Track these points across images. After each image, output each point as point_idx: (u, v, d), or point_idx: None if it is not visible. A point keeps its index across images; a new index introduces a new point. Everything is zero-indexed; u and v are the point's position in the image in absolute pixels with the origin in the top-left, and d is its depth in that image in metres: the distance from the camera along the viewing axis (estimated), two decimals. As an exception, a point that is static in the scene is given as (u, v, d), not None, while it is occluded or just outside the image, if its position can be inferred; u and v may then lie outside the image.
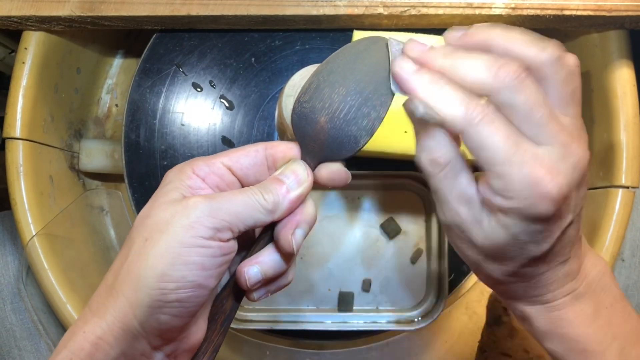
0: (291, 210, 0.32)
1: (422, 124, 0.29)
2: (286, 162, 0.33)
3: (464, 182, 0.29)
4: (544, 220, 0.27)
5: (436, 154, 0.29)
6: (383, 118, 0.32)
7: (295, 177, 0.32)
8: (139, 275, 0.28)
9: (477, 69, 0.27)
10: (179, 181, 0.31)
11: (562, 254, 0.29)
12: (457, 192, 0.29)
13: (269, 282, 0.33)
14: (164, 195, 0.30)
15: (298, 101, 0.32)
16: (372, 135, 0.32)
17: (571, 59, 0.28)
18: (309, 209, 0.32)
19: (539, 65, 0.27)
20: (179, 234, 0.28)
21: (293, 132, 0.33)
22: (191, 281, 0.28)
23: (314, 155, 0.33)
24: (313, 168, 0.33)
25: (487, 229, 0.28)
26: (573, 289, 0.31)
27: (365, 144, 0.33)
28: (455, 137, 0.29)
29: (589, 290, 0.31)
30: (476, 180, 0.29)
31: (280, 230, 0.31)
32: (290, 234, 0.31)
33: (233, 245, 0.30)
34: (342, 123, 0.32)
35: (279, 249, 0.32)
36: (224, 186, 0.32)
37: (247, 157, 0.32)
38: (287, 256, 0.32)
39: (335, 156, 0.33)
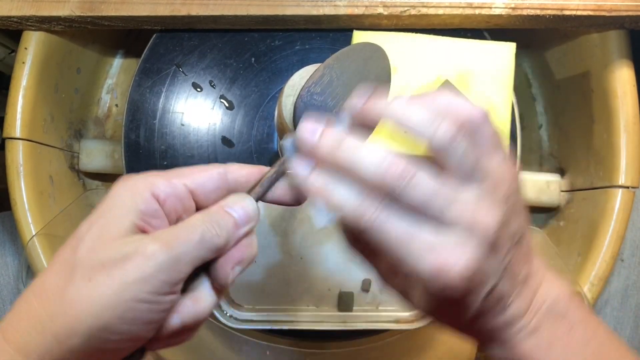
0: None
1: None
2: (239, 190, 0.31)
3: (387, 262, 0.31)
4: (457, 299, 0.28)
5: (351, 245, 0.31)
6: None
7: (245, 212, 0.30)
8: (79, 321, 0.26)
9: (367, 168, 0.27)
10: (132, 203, 0.28)
11: (493, 310, 0.30)
12: (382, 270, 0.32)
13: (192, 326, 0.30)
14: (113, 221, 0.27)
15: (308, 90, 0.32)
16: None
17: (474, 112, 0.28)
18: (254, 248, 0.31)
19: (436, 145, 0.27)
20: (131, 288, 0.26)
21: (294, 118, 0.33)
22: (135, 335, 0.27)
23: None
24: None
25: (416, 297, 0.30)
26: (523, 327, 0.31)
27: None
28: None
29: (543, 323, 0.31)
30: None
31: (221, 261, 0.29)
32: (230, 267, 0.30)
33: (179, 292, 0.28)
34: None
35: (212, 279, 0.30)
36: (181, 212, 0.30)
37: (210, 180, 0.30)
38: (219, 289, 0.31)
39: None
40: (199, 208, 0.31)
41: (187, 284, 0.29)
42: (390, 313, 0.55)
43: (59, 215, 0.56)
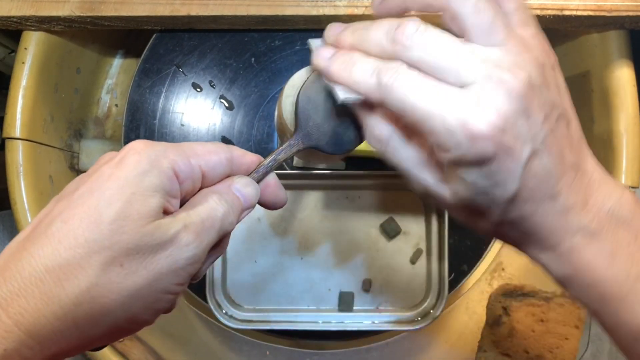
0: None
1: (357, 106, 0.29)
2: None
3: (413, 150, 0.29)
4: (490, 160, 0.25)
5: (376, 131, 0.29)
6: None
7: (250, 197, 0.30)
8: (108, 312, 0.24)
9: (378, 36, 0.27)
10: (159, 181, 0.25)
11: (542, 189, 0.26)
12: (411, 161, 0.29)
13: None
14: (142, 200, 0.25)
15: (311, 84, 0.33)
16: (359, 144, 0.34)
17: None
18: (224, 249, 0.30)
19: (446, 4, 0.27)
20: (163, 279, 0.25)
21: (296, 111, 0.33)
22: (148, 323, 0.26)
23: (308, 139, 0.33)
24: (300, 149, 0.33)
25: (450, 188, 0.28)
26: (580, 227, 0.27)
27: (352, 150, 0.34)
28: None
29: (604, 227, 0.27)
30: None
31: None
32: (207, 267, 0.29)
33: None
34: (350, 124, 0.33)
35: None
36: (190, 192, 0.28)
37: (220, 165, 0.29)
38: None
39: (326, 147, 0.33)
40: (201, 188, 0.30)
41: None
42: (390, 313, 0.55)
43: (58, 216, 0.56)
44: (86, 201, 0.24)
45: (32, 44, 0.53)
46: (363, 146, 0.50)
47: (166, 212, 0.26)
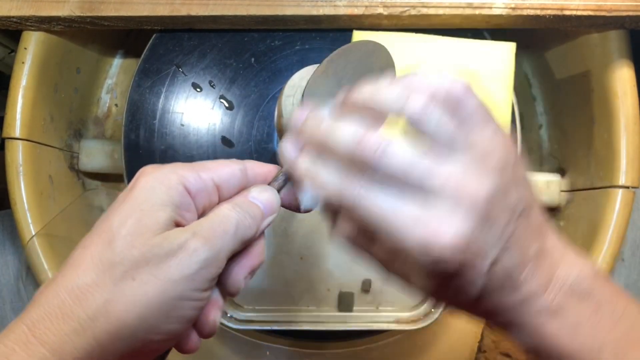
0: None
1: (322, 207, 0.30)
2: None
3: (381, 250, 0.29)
4: (453, 275, 0.26)
5: (342, 231, 0.29)
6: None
7: (270, 203, 0.30)
8: (124, 324, 0.25)
9: (340, 146, 0.27)
10: (167, 196, 0.27)
11: (505, 286, 0.28)
12: (378, 258, 0.30)
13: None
14: (151, 215, 0.26)
15: (314, 81, 0.33)
16: None
17: (452, 86, 0.27)
18: (263, 256, 0.30)
19: (409, 118, 0.26)
20: (176, 286, 0.25)
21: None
22: (176, 333, 0.26)
23: None
24: None
25: (416, 283, 0.29)
26: (543, 307, 0.29)
27: None
28: None
29: (566, 303, 0.29)
30: None
31: (234, 269, 0.29)
32: (242, 277, 0.29)
33: None
34: None
35: (222, 287, 0.30)
36: (207, 206, 0.29)
37: (234, 177, 0.30)
38: (229, 295, 0.30)
39: None
40: (218, 202, 0.30)
41: None
42: (390, 313, 0.55)
43: (58, 215, 0.56)
44: (103, 225, 0.27)
45: (32, 44, 0.53)
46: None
47: (179, 225, 0.27)
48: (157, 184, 0.27)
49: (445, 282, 0.27)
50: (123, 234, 0.26)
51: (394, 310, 0.55)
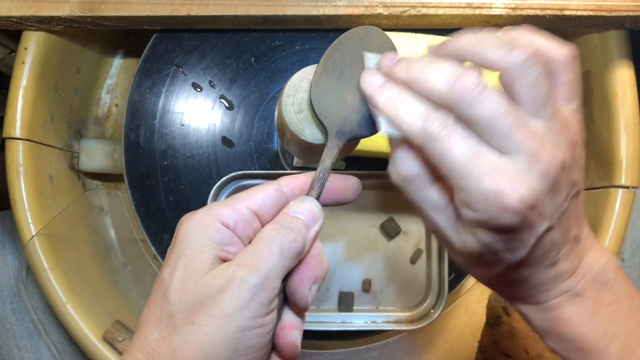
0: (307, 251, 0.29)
1: (390, 138, 0.29)
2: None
3: (435, 194, 0.29)
4: (511, 231, 0.27)
5: (403, 167, 0.29)
6: None
7: (311, 212, 0.30)
8: None
9: (436, 81, 0.27)
10: (206, 237, 0.27)
11: (545, 259, 0.29)
12: (430, 203, 0.29)
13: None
14: (195, 259, 0.27)
15: (317, 84, 0.32)
16: None
17: (558, 53, 0.28)
18: (325, 262, 0.30)
19: (506, 69, 0.27)
20: (235, 318, 0.25)
21: (314, 113, 0.33)
22: None
23: (342, 136, 0.32)
24: (340, 147, 0.32)
25: (462, 237, 0.29)
26: (568, 289, 0.30)
27: None
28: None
29: (588, 288, 0.30)
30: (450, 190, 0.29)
31: (297, 284, 0.29)
32: (308, 289, 0.29)
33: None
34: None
35: (292, 305, 0.30)
36: (251, 234, 0.29)
37: (269, 197, 0.30)
38: (301, 312, 0.30)
39: (363, 132, 0.32)
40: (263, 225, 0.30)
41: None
42: (390, 313, 0.55)
43: (59, 215, 0.56)
44: (157, 282, 0.28)
45: (32, 44, 0.53)
46: (363, 146, 0.50)
47: (226, 261, 0.28)
48: (194, 228, 0.28)
49: (499, 238, 0.27)
50: (174, 284, 0.26)
51: (394, 310, 0.55)
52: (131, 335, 0.53)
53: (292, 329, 0.29)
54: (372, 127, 0.32)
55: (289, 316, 0.30)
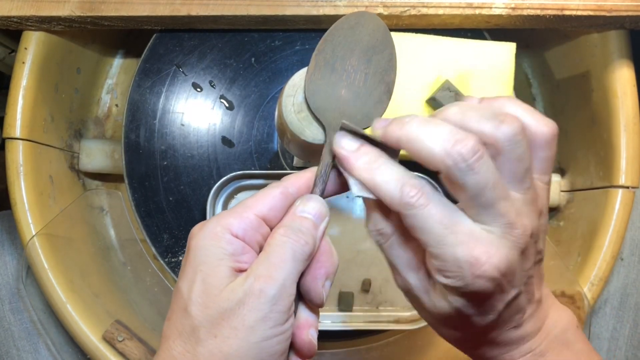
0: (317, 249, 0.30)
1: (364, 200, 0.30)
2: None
3: (409, 254, 0.30)
4: (483, 297, 0.27)
5: (379, 226, 0.30)
6: (395, 80, 0.33)
7: (317, 210, 0.30)
8: None
9: (432, 142, 0.26)
10: (219, 249, 0.28)
11: (511, 321, 0.30)
12: (402, 262, 0.30)
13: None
14: (211, 273, 0.27)
15: (310, 81, 0.32)
16: (390, 99, 0.33)
17: (540, 130, 0.29)
18: (335, 257, 0.31)
19: (495, 142, 0.27)
20: (257, 329, 0.26)
21: (310, 111, 0.33)
22: None
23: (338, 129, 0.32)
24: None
25: (433, 299, 0.29)
26: (531, 349, 0.31)
27: (386, 109, 0.33)
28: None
29: (550, 349, 0.31)
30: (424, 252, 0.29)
31: (311, 283, 0.29)
32: (321, 286, 0.29)
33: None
34: (363, 91, 0.32)
35: (307, 302, 0.30)
36: (262, 240, 0.29)
37: (275, 200, 0.30)
38: (316, 308, 0.31)
39: (367, 123, 0.32)
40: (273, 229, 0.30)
41: None
42: (390, 313, 0.55)
43: (59, 215, 0.56)
44: (176, 295, 0.28)
45: (33, 44, 0.53)
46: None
47: (241, 271, 0.28)
48: (206, 242, 0.28)
49: (471, 303, 0.28)
50: (194, 298, 0.27)
51: (394, 310, 0.55)
52: (131, 335, 0.53)
53: (307, 328, 0.30)
54: (369, 117, 0.32)
55: (303, 314, 0.30)
